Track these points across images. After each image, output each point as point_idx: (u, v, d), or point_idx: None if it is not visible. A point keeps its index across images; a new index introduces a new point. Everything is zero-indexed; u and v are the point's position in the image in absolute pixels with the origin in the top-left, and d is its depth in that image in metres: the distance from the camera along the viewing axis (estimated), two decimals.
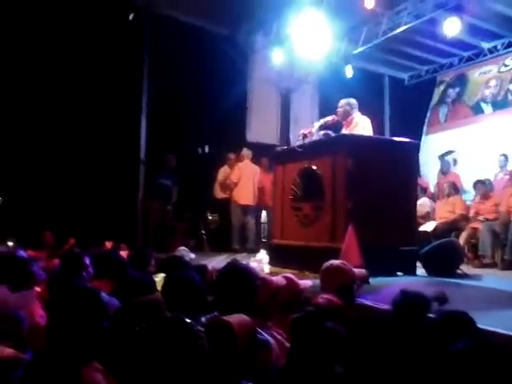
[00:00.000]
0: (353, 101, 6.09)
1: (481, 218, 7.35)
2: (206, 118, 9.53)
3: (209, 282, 3.38)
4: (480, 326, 2.42)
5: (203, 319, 2.48)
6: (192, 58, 9.26)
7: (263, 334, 2.30)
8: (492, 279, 5.37)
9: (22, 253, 4.25)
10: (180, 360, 1.31)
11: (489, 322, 2.75)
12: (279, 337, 2.63)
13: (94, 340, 1.90)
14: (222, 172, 9.33)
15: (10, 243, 6.94)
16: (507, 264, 6.45)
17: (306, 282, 3.37)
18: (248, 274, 2.66)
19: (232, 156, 9.32)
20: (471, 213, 7.67)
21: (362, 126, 5.84)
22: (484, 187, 7.69)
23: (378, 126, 9.39)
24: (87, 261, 3.75)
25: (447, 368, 1.53)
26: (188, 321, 1.41)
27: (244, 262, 2.90)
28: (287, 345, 2.59)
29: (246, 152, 9.01)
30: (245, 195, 8.74)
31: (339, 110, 6.06)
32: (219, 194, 9.34)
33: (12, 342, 2.13)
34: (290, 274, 3.50)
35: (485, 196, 7.59)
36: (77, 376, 1.72)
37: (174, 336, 1.34)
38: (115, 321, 2.06)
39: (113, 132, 8.80)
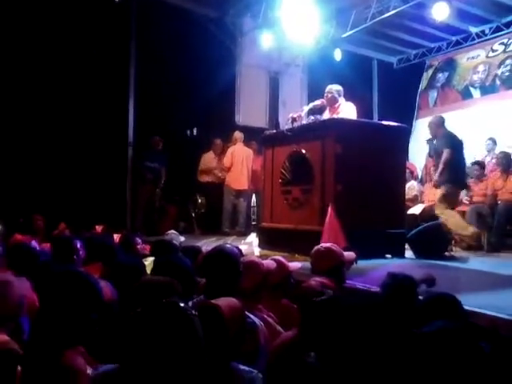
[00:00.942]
0: (339, 87, 6.17)
1: (467, 200, 7.43)
2: (195, 100, 9.47)
3: (199, 264, 3.40)
4: (466, 307, 2.47)
5: (190, 303, 2.49)
6: (180, 41, 9.17)
7: (251, 316, 2.31)
8: (478, 261, 5.43)
9: (35, 244, 4.26)
10: (175, 344, 1.32)
11: (475, 303, 2.80)
12: (270, 320, 2.66)
13: (82, 325, 1.91)
14: (206, 158, 9.27)
15: None
16: (493, 246, 6.52)
17: (296, 264, 3.39)
18: (229, 256, 2.67)
19: (218, 141, 9.27)
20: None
21: (346, 112, 5.89)
22: (480, 169, 7.70)
23: (366, 110, 9.46)
24: (78, 245, 3.75)
25: (419, 348, 1.56)
26: (182, 305, 1.42)
27: (230, 245, 2.90)
28: (278, 328, 2.62)
29: (238, 135, 8.91)
30: (238, 179, 8.69)
31: (328, 95, 6.08)
32: (203, 177, 9.31)
33: (13, 327, 2.15)
34: (279, 256, 3.53)
35: (479, 178, 7.62)
36: (57, 358, 1.74)
37: (168, 321, 1.35)
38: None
39: (101, 115, 8.73)
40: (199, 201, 9.33)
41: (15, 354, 1.90)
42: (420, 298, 2.56)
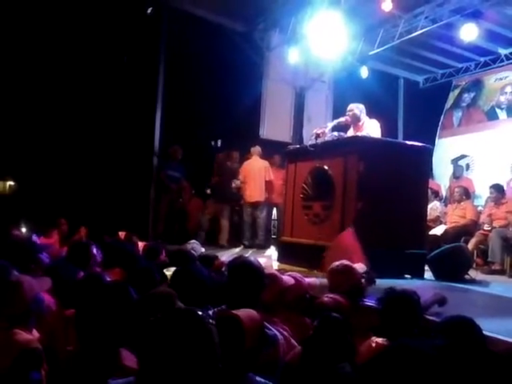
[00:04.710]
0: (360, 105, 6.11)
1: (487, 227, 7.31)
2: (221, 112, 9.59)
3: (216, 270, 3.44)
4: (486, 332, 2.45)
5: (211, 312, 2.53)
6: (208, 54, 9.32)
7: (272, 329, 2.34)
8: (500, 286, 5.35)
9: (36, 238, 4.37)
10: (190, 351, 1.35)
11: (495, 328, 2.76)
12: (285, 333, 2.68)
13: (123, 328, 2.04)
14: None
15: (24, 229, 7.06)
16: None
17: (314, 281, 3.40)
18: (257, 269, 2.70)
19: (235, 153, 9.32)
20: (483, 216, 7.63)
21: (370, 129, 5.87)
22: (495, 193, 7.61)
23: (391, 127, 9.45)
24: (94, 250, 3.82)
25: None
26: (200, 313, 1.45)
27: (252, 258, 2.94)
28: (293, 341, 2.64)
29: (255, 149, 8.90)
30: (253, 193, 8.69)
31: (349, 113, 6.07)
32: None
33: (36, 326, 2.22)
34: (297, 273, 3.54)
35: (497, 201, 7.53)
36: (114, 355, 1.85)
37: (185, 328, 1.38)
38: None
39: (128, 124, 8.89)
40: None
41: (38, 353, 1.96)
42: (435, 319, 2.55)
